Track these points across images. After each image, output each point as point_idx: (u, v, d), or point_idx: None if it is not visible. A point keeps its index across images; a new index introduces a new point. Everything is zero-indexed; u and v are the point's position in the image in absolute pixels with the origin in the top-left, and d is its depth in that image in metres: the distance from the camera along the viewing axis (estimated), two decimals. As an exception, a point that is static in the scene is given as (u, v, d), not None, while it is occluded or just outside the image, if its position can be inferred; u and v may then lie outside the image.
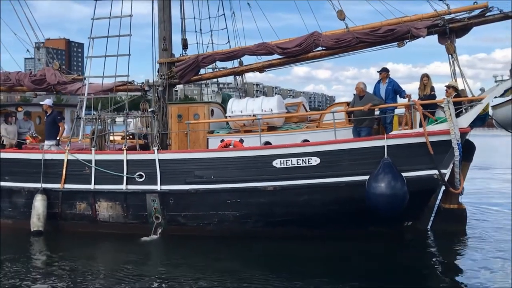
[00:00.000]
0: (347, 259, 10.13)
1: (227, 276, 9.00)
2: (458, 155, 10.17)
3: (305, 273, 9.07)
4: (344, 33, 12.06)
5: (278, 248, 10.63)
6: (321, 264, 9.84)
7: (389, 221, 10.76)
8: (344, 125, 11.38)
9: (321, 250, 10.60)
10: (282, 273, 9.14)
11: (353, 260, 10.06)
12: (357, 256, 10.20)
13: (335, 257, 10.26)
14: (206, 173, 11.00)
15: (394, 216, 10.26)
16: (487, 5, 11.29)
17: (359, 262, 9.92)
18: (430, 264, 10.12)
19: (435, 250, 11.14)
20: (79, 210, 11.86)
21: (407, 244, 11.37)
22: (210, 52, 13.60)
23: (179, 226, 11.30)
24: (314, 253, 10.40)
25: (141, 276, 9.05)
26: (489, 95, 10.34)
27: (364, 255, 10.24)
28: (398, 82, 11.94)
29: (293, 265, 9.62)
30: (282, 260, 10.03)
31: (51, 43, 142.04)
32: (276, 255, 10.33)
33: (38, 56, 24.37)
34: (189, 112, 12.22)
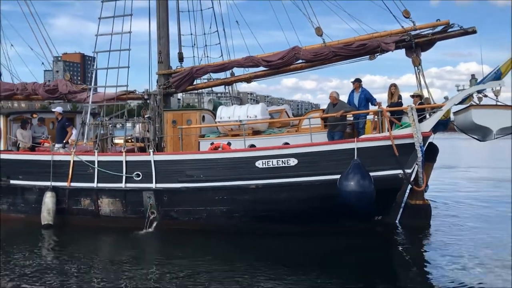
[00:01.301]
0: (323, 251, 10.03)
1: (213, 264, 9.00)
2: (421, 156, 10.11)
3: (286, 264, 9.07)
4: (321, 47, 12.03)
5: (262, 241, 10.56)
6: (301, 255, 9.78)
7: (361, 215, 10.71)
8: (320, 129, 11.35)
9: (300, 242, 10.51)
10: (266, 263, 9.10)
11: (329, 251, 9.98)
12: (332, 248, 10.14)
13: (310, 248, 10.18)
14: (196, 173, 10.98)
15: (363, 210, 10.20)
16: (449, 22, 11.29)
17: (335, 253, 9.87)
18: (397, 253, 10.16)
19: (402, 241, 11.15)
20: (83, 206, 11.84)
21: (378, 236, 11.27)
22: (203, 65, 13.60)
23: (172, 220, 11.26)
24: (294, 245, 10.35)
25: (138, 264, 9.07)
26: (448, 102, 10.28)
27: (338, 247, 10.20)
28: (371, 92, 11.91)
29: (276, 256, 9.61)
30: (266, 252, 9.96)
31: (68, 57, 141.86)
32: (260, 248, 10.25)
33: (56, 68, 24.48)
34: (182, 118, 12.22)
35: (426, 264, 9.16)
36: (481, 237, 10.89)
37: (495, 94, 10.12)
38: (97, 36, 12.25)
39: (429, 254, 9.83)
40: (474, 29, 11.10)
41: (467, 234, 11.21)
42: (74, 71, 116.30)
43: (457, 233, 11.21)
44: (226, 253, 9.92)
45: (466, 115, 10.40)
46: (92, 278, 8.33)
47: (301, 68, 12.62)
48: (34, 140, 13.84)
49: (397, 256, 10.05)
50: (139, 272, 8.53)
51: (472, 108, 10.21)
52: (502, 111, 10.03)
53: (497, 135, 10.26)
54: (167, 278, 8.21)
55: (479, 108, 10.17)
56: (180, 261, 9.20)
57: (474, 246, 10.10)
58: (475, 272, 8.35)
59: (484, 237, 10.83)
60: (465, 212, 13.67)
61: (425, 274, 8.63)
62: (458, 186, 18.83)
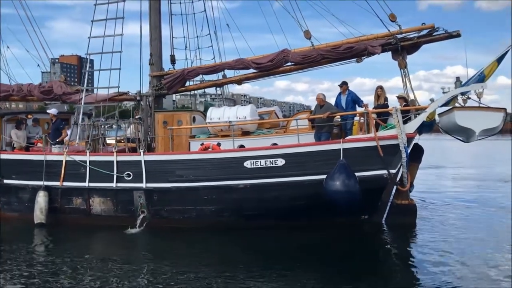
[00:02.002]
0: (312, 248, 10.04)
1: (202, 262, 9.02)
2: (405, 157, 10.17)
3: (273, 260, 9.12)
4: (310, 50, 12.07)
5: (250, 239, 10.57)
6: (286, 252, 9.80)
7: (348, 214, 10.76)
8: (308, 130, 11.41)
9: (285, 239, 10.54)
10: (255, 260, 9.15)
11: (317, 249, 10.00)
12: (319, 246, 10.13)
13: (295, 246, 10.17)
14: (185, 173, 11.00)
15: (349, 210, 10.25)
16: (434, 25, 11.35)
17: (319, 251, 9.88)
18: (382, 251, 10.22)
19: (387, 239, 11.19)
20: (75, 205, 11.84)
21: (365, 234, 11.32)
22: (194, 67, 13.65)
23: (162, 219, 11.26)
24: (279, 242, 10.37)
25: (129, 262, 9.06)
26: (432, 104, 10.33)
27: (326, 245, 10.23)
28: (362, 94, 12.03)
29: (264, 253, 9.65)
30: (255, 248, 10.02)
31: (65, 59, 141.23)
32: (249, 245, 10.26)
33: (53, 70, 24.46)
34: (173, 119, 12.26)
35: (409, 262, 9.18)
36: (465, 236, 10.91)
37: (478, 96, 10.17)
38: (89, 38, 12.26)
39: (412, 252, 9.85)
40: (459, 33, 11.18)
41: (451, 233, 11.20)
42: (71, 73, 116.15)
43: (441, 232, 11.20)
44: (215, 251, 9.93)
45: (450, 117, 10.46)
46: (83, 276, 8.31)
47: (290, 71, 12.67)
48: (29, 140, 13.84)
49: (382, 253, 10.09)
50: (129, 270, 8.53)
51: (455, 110, 10.26)
52: (484, 113, 10.08)
53: (479, 136, 10.32)
54: (157, 276, 8.20)
55: (462, 110, 10.22)
56: (169, 259, 9.19)
57: (458, 245, 10.10)
58: (458, 271, 8.36)
59: (469, 236, 10.84)
60: (451, 212, 13.68)
61: (408, 271, 8.66)
62: (444, 186, 18.87)
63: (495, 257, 9.12)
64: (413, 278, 8.26)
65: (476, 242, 10.32)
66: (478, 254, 9.29)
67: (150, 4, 13.41)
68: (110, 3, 12.16)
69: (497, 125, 10.17)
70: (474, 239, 10.54)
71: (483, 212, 13.55)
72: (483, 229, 11.55)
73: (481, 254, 9.30)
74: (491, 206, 14.46)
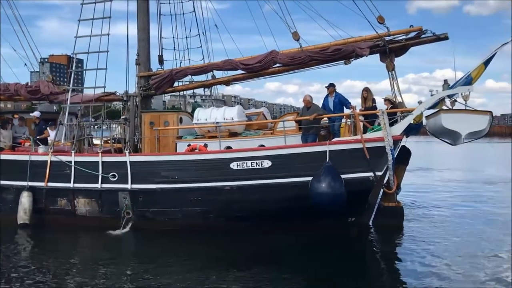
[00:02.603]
0: (298, 250, 9.99)
1: (187, 263, 8.92)
2: (391, 159, 10.06)
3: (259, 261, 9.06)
4: (298, 51, 11.98)
5: (237, 241, 10.48)
6: (272, 253, 9.73)
7: (334, 216, 10.64)
8: (295, 132, 11.28)
9: (272, 241, 10.44)
10: (241, 262, 9.04)
11: (303, 251, 9.93)
12: (306, 248, 10.06)
13: (283, 247, 10.12)
14: (171, 174, 10.83)
15: (335, 212, 10.12)
16: (422, 28, 11.30)
17: (306, 252, 9.78)
18: (370, 252, 10.19)
19: (375, 241, 11.11)
20: (60, 206, 11.64)
21: (351, 236, 11.24)
22: (183, 67, 13.50)
23: (148, 220, 11.09)
24: (265, 244, 10.27)
25: (113, 263, 8.95)
26: (418, 107, 10.23)
27: (313, 247, 10.10)
28: (352, 96, 11.97)
29: (249, 254, 9.57)
30: (241, 250, 9.90)
31: (55, 58, 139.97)
32: (235, 247, 10.19)
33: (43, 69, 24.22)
34: (160, 119, 12.08)
35: (395, 264, 9.15)
36: (452, 238, 10.85)
37: (464, 99, 10.07)
38: (76, 38, 12.07)
39: (399, 254, 9.81)
40: (446, 35, 11.14)
41: (439, 235, 11.13)
42: (61, 72, 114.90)
43: (429, 234, 11.12)
44: (200, 252, 9.76)
45: (436, 119, 10.36)
46: (66, 278, 8.15)
47: (279, 72, 12.57)
48: (15, 140, 13.62)
49: (368, 255, 10.03)
50: (113, 272, 8.42)
51: (442, 112, 10.16)
52: (470, 116, 9.99)
53: (466, 139, 10.23)
54: (141, 278, 8.10)
55: (448, 112, 10.13)
56: (153, 261, 9.04)
57: (446, 247, 10.06)
58: (444, 272, 8.31)
59: (456, 238, 10.80)
60: (438, 214, 13.63)
61: (394, 273, 8.65)
62: (432, 188, 18.82)
63: (482, 259, 9.09)
64: (399, 280, 8.22)
65: (463, 244, 10.28)
66: (464, 256, 9.24)
67: (138, 4, 13.24)
68: (97, 2, 11.99)
69: (483, 128, 10.07)
70: (461, 241, 10.50)
71: (470, 215, 13.52)
72: (469, 231, 11.50)
73: (467, 256, 9.26)
74: (478, 208, 14.45)
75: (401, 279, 8.24)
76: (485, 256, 9.20)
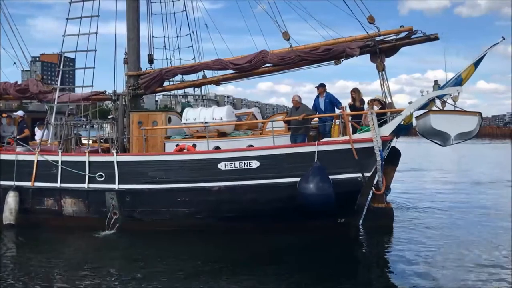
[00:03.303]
0: (287, 251, 9.90)
1: (174, 264, 8.84)
2: (380, 160, 9.95)
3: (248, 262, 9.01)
4: (288, 51, 11.85)
5: (224, 242, 10.36)
6: (261, 254, 9.61)
7: (323, 217, 10.53)
8: (284, 132, 11.15)
9: (260, 241, 10.32)
10: (228, 263, 8.94)
11: (291, 252, 9.86)
12: (294, 249, 9.99)
13: (271, 248, 10.02)
14: (158, 174, 10.69)
15: (324, 212, 10.01)
16: (412, 28, 11.19)
17: (295, 254, 9.72)
18: (357, 253, 10.15)
19: (364, 242, 11.04)
20: (47, 206, 11.47)
21: (341, 237, 11.07)
22: (172, 67, 13.37)
23: (135, 221, 10.94)
24: (254, 244, 10.16)
25: (99, 264, 8.86)
26: (407, 108, 10.13)
27: (300, 248, 10.05)
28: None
29: (237, 255, 9.48)
30: (228, 251, 9.78)
31: (46, 57, 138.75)
32: (222, 248, 10.06)
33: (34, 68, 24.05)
34: (148, 119, 11.93)
35: (384, 265, 9.11)
36: (442, 238, 10.82)
37: (453, 100, 9.98)
38: (64, 36, 11.89)
39: (388, 255, 9.78)
40: (437, 36, 11.03)
41: (428, 236, 11.08)
42: (53, 71, 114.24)
43: (418, 235, 11.06)
44: (187, 253, 9.64)
45: (426, 120, 10.26)
46: (51, 280, 8.06)
47: (269, 72, 12.45)
48: (3, 139, 13.44)
49: (357, 256, 9.98)
50: (99, 273, 8.32)
51: (431, 113, 10.06)
52: (460, 117, 9.90)
53: (455, 140, 10.13)
54: (127, 279, 8.01)
55: (438, 113, 10.03)
56: (140, 262, 8.98)
57: (435, 247, 10.01)
58: (434, 273, 8.31)
59: (446, 239, 10.76)
60: (428, 214, 13.58)
61: (383, 274, 8.60)
62: (424, 189, 18.75)
63: (472, 259, 9.08)
64: (387, 281, 8.17)
65: (453, 244, 10.25)
66: (454, 257, 9.24)
67: (128, 3, 13.10)
68: (85, 1, 11.84)
69: (472, 129, 9.99)
70: (452, 242, 10.45)
71: (460, 215, 13.49)
72: (460, 231, 11.49)
73: (457, 256, 9.27)
74: (468, 208, 14.42)
75: (389, 280, 8.19)
76: (476, 257, 9.19)
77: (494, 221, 12.81)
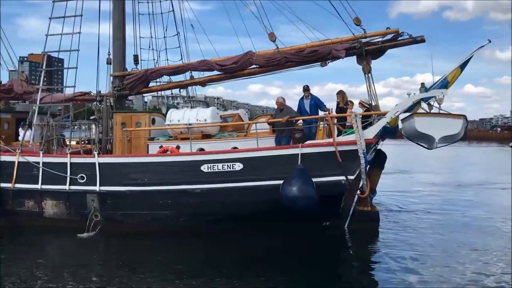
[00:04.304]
0: (271, 255, 9.70)
1: (155, 267, 8.69)
2: (364, 163, 9.82)
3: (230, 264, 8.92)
4: (274, 53, 11.73)
5: (206, 245, 10.20)
6: (245, 256, 9.48)
7: (307, 220, 10.41)
8: (268, 134, 11.02)
9: (245, 244, 10.20)
10: (209, 267, 8.77)
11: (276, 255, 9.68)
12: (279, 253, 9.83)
13: (255, 250, 9.88)
14: (140, 176, 10.52)
15: (307, 215, 9.88)
16: (398, 30, 11.07)
17: (279, 257, 9.56)
18: (344, 256, 10.05)
19: (350, 245, 10.91)
20: (27, 208, 11.28)
21: (326, 241, 10.95)
22: (158, 67, 13.23)
23: (116, 223, 10.75)
24: (238, 247, 10.03)
25: (79, 267, 8.69)
26: (392, 110, 10.01)
27: (285, 251, 9.92)
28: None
29: (219, 259, 9.29)
30: (209, 255, 9.62)
31: (34, 57, 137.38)
32: (204, 251, 9.91)
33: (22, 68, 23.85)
34: (131, 120, 11.76)
35: (368, 268, 8.99)
36: (429, 241, 10.72)
37: (438, 103, 9.86)
38: (47, 36, 11.73)
39: (373, 257, 9.65)
40: (423, 38, 10.92)
41: (413, 238, 11.00)
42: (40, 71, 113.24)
43: (404, 239, 10.92)
44: (169, 256, 9.46)
45: (410, 123, 10.16)
46: (31, 282, 7.91)
47: (255, 73, 12.32)
48: None
49: (342, 260, 9.88)
50: (78, 275, 8.20)
51: (415, 115, 9.95)
52: (444, 120, 9.78)
53: (439, 143, 10.01)
54: (107, 281, 7.91)
55: (422, 116, 9.91)
56: (120, 264, 8.85)
57: (421, 251, 9.88)
58: (419, 275, 8.24)
59: (432, 242, 10.67)
60: (415, 217, 13.44)
61: (368, 277, 8.49)
62: (411, 191, 18.58)
63: (458, 261, 9.03)
64: (371, 283, 8.15)
65: (439, 247, 10.16)
66: (440, 259, 9.19)
67: (113, 3, 12.95)
68: (69, 0, 11.66)
69: (457, 132, 9.87)
70: (438, 244, 10.38)
71: (447, 217, 13.41)
72: (446, 233, 11.41)
73: (443, 259, 9.22)
74: (454, 211, 14.36)
75: (372, 283, 8.14)
76: (461, 260, 9.14)
77: (480, 221, 12.84)
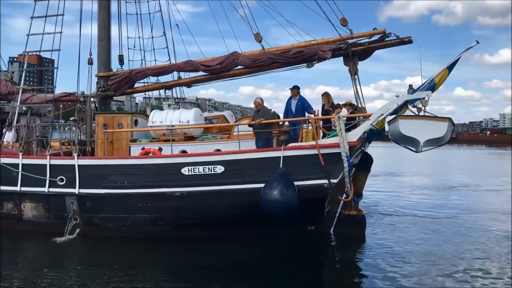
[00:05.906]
0: (250, 257, 9.59)
1: (133, 271, 8.54)
2: (347, 166, 9.60)
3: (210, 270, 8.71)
4: (260, 53, 11.54)
5: (186, 250, 9.96)
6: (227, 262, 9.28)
7: (291, 225, 10.22)
8: (251, 137, 10.80)
9: (226, 249, 9.97)
10: (189, 273, 8.63)
11: (258, 259, 9.59)
12: (262, 257, 9.71)
13: (238, 255, 9.67)
14: (120, 179, 10.33)
15: (288, 220, 9.67)
16: (385, 31, 10.88)
17: (264, 262, 9.41)
18: (329, 261, 9.90)
19: (335, 250, 10.75)
20: (6, 210, 11.11)
21: (311, 245, 10.76)
22: (142, 68, 13.03)
23: (96, 227, 10.57)
24: (219, 254, 9.75)
25: (57, 271, 8.58)
26: (376, 112, 9.78)
27: (270, 256, 9.77)
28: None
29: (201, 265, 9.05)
30: (191, 260, 9.35)
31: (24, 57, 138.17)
32: (184, 256, 9.66)
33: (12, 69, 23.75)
34: (113, 121, 11.55)
35: (352, 271, 8.93)
36: (415, 245, 10.58)
37: (423, 105, 9.63)
38: (28, 35, 11.58)
39: (358, 262, 9.51)
40: (410, 39, 10.71)
41: (400, 242, 10.88)
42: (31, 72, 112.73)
43: (389, 242, 10.77)
44: (149, 260, 9.28)
45: (395, 125, 9.91)
46: (10, 285, 7.79)
47: (241, 74, 12.12)
48: None
49: (327, 264, 9.74)
50: (56, 279, 8.07)
51: (400, 118, 9.70)
52: (428, 122, 9.53)
53: (424, 146, 9.75)
54: (84, 284, 7.80)
55: (406, 118, 9.67)
56: (98, 268, 8.70)
57: (407, 255, 9.77)
58: (404, 278, 8.17)
59: (419, 245, 10.56)
60: (403, 220, 13.28)
61: (350, 281, 8.41)
62: (399, 195, 18.36)
63: (446, 266, 8.92)
64: None
65: (424, 251, 10.04)
66: (427, 263, 9.11)
67: (99, 3, 12.78)
68: (50, 0, 11.51)
69: (443, 134, 9.62)
70: (425, 248, 10.28)
71: (434, 220, 13.28)
72: (433, 237, 11.29)
73: (430, 263, 9.14)
74: (441, 214, 14.23)
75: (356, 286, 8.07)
76: (449, 264, 9.06)
77: (468, 224, 12.75)
